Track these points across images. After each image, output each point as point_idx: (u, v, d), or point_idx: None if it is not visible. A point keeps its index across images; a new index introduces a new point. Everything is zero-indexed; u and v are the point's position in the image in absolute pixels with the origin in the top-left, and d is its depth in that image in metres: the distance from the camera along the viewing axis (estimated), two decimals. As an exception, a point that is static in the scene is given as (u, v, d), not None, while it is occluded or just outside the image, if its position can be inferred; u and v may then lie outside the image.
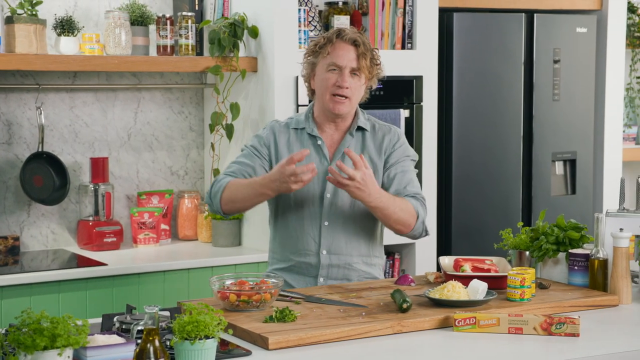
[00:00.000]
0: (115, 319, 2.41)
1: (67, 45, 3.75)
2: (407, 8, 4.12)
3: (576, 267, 2.85)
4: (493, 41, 4.38)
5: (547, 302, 2.64)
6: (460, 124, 4.33)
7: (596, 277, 2.79)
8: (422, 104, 4.16)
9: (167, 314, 2.46)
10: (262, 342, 2.29)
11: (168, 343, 2.15)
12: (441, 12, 4.26)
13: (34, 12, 3.65)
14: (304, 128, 2.97)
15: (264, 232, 3.54)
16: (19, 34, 3.57)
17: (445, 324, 2.47)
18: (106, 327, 2.39)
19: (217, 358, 2.12)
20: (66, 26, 3.75)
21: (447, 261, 2.94)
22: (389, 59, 4.09)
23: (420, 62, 4.15)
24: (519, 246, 2.99)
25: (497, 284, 2.74)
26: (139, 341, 2.01)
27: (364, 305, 2.59)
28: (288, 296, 2.67)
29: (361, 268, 2.99)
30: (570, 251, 2.88)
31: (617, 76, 4.77)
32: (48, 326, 1.93)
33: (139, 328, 2.17)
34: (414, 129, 4.13)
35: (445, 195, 4.33)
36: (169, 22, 3.90)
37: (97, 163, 3.94)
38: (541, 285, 2.81)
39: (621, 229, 2.77)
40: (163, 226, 4.05)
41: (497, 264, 2.90)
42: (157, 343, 1.97)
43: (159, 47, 3.92)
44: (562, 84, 4.57)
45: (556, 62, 4.55)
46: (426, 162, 4.19)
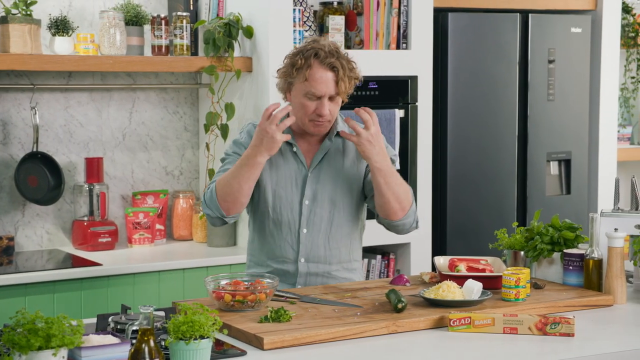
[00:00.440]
0: (110, 319, 2.41)
1: (62, 45, 3.75)
2: (402, 8, 4.12)
3: (571, 267, 2.85)
4: (488, 41, 4.38)
5: (542, 302, 2.64)
6: (455, 124, 4.33)
7: (591, 277, 2.80)
8: (417, 104, 4.16)
9: (162, 314, 2.46)
10: (257, 342, 2.28)
11: (163, 343, 2.14)
12: (436, 12, 4.26)
13: (28, 12, 3.64)
14: None
15: (259, 232, 3.54)
16: (14, 34, 3.57)
17: (440, 324, 2.47)
18: (101, 327, 2.38)
19: (212, 358, 2.12)
20: (61, 26, 3.75)
21: (442, 261, 2.94)
22: (384, 59, 4.10)
23: (415, 62, 4.16)
24: (513, 246, 3.00)
25: (492, 284, 2.74)
26: (133, 341, 2.01)
27: (358, 305, 2.59)
28: (283, 296, 2.67)
29: (341, 275, 2.95)
30: (565, 251, 2.88)
31: (611, 76, 4.78)
32: (43, 326, 1.93)
33: (134, 328, 2.17)
34: (409, 129, 4.14)
35: (440, 195, 4.33)
36: (163, 22, 3.90)
37: (92, 163, 3.93)
38: (536, 285, 2.81)
39: (616, 229, 2.77)
40: (158, 226, 4.05)
41: (492, 264, 2.90)
42: (152, 343, 1.97)
43: (153, 47, 3.91)
44: (556, 84, 4.58)
45: (551, 62, 4.56)
46: (421, 162, 4.19)
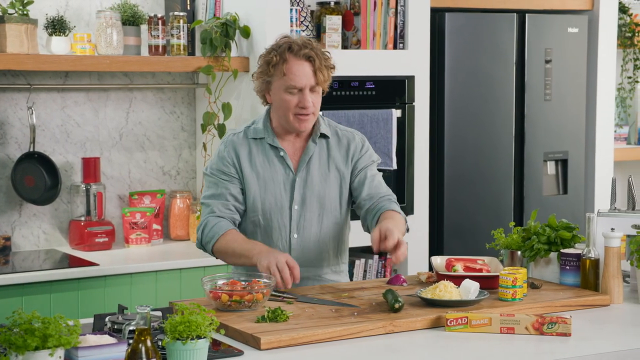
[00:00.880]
0: (107, 319, 2.41)
1: (59, 45, 3.74)
2: (399, 8, 4.12)
3: (568, 267, 2.85)
4: (485, 41, 4.39)
5: (539, 302, 2.64)
6: (452, 124, 4.33)
7: (588, 276, 2.80)
8: (414, 104, 4.17)
9: (159, 314, 2.46)
10: (254, 342, 2.29)
11: (160, 343, 2.14)
12: (433, 12, 4.26)
13: (25, 12, 3.64)
14: (263, 138, 2.89)
15: (256, 232, 3.54)
16: (10, 34, 3.56)
17: (437, 324, 2.48)
18: (98, 327, 2.38)
19: (209, 358, 2.12)
20: (57, 26, 3.74)
21: (439, 261, 2.94)
22: (381, 59, 4.10)
23: (412, 62, 4.16)
24: (510, 246, 3.00)
25: (489, 283, 2.74)
26: (130, 341, 2.01)
27: (355, 305, 2.59)
28: (280, 296, 2.67)
29: (330, 278, 2.96)
30: (561, 251, 2.88)
31: (608, 76, 4.78)
32: (39, 326, 1.93)
33: (131, 328, 2.16)
34: (406, 129, 4.14)
35: (437, 195, 4.33)
36: (160, 22, 3.90)
37: (89, 163, 3.93)
38: (533, 285, 2.81)
39: (612, 229, 2.78)
40: (155, 226, 4.04)
41: (489, 264, 2.91)
42: (148, 343, 1.97)
43: (150, 47, 3.91)
44: (553, 84, 4.58)
45: (548, 62, 4.56)
46: (418, 162, 4.20)
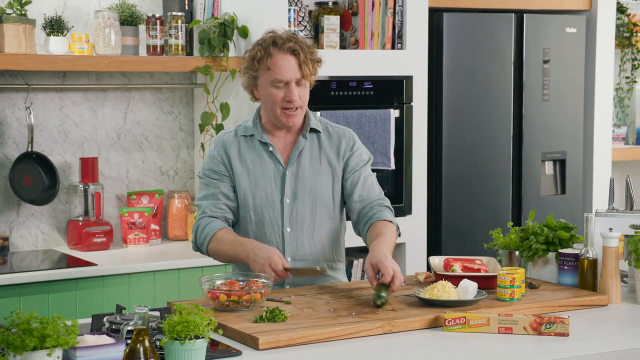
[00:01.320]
0: (105, 319, 2.41)
1: (57, 45, 3.74)
2: (397, 8, 4.12)
3: (566, 267, 2.85)
4: (483, 41, 4.39)
5: (537, 302, 2.65)
6: (450, 124, 4.33)
7: (586, 276, 2.80)
8: (412, 104, 4.17)
9: (157, 314, 2.46)
10: (252, 342, 2.29)
11: (158, 343, 2.14)
12: (431, 12, 4.26)
13: (23, 12, 3.63)
14: (252, 135, 2.89)
15: (254, 232, 3.53)
16: (8, 34, 3.56)
17: (435, 324, 2.48)
18: (96, 328, 2.38)
19: (207, 358, 2.12)
20: (55, 26, 3.74)
21: (437, 261, 2.94)
22: (379, 59, 4.10)
23: (410, 62, 4.16)
24: (508, 246, 3.00)
25: (487, 283, 2.74)
26: (128, 341, 2.01)
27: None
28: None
29: (327, 274, 2.95)
30: (559, 251, 2.88)
31: (606, 76, 4.78)
32: (37, 326, 1.93)
33: (129, 328, 2.16)
34: (404, 129, 4.14)
35: (435, 195, 4.33)
36: (158, 22, 3.90)
37: (87, 163, 3.93)
38: (531, 285, 2.81)
39: (610, 229, 2.78)
40: (153, 226, 4.04)
41: (487, 264, 2.91)
42: (146, 343, 1.97)
43: (148, 47, 3.91)
44: (551, 84, 4.58)
45: (546, 62, 4.56)
46: (416, 162, 4.20)
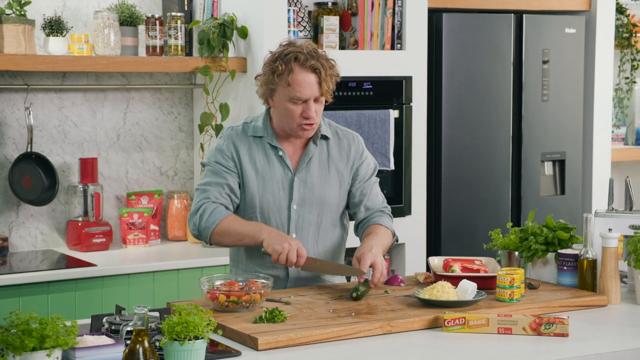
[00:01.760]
0: (104, 319, 2.41)
1: (56, 46, 3.74)
2: (397, 8, 4.12)
3: (565, 268, 2.85)
4: (482, 42, 4.39)
5: (536, 303, 2.65)
6: (450, 125, 4.33)
7: (585, 277, 2.80)
8: (411, 104, 4.17)
9: (157, 314, 2.46)
10: (251, 342, 2.29)
11: (157, 344, 2.14)
12: (430, 12, 4.26)
13: (22, 12, 3.63)
14: (262, 136, 2.89)
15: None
16: (8, 34, 3.56)
17: (435, 324, 2.48)
18: (95, 328, 2.38)
19: (207, 359, 2.12)
20: (55, 26, 3.74)
21: (436, 261, 2.95)
22: (378, 59, 4.10)
23: (410, 62, 4.16)
24: (508, 246, 3.00)
25: (486, 284, 2.75)
26: (128, 342, 2.01)
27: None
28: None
29: (328, 279, 2.97)
30: (559, 251, 2.88)
31: (605, 77, 4.78)
32: (37, 327, 1.93)
33: (128, 329, 2.16)
34: (403, 129, 4.14)
35: (434, 196, 4.33)
36: (158, 22, 3.90)
37: (86, 163, 3.93)
38: (530, 286, 2.81)
39: (610, 229, 2.78)
40: (152, 227, 4.04)
41: (486, 265, 2.91)
42: (146, 344, 1.97)
43: (148, 47, 3.91)
44: (551, 84, 4.59)
45: (545, 62, 4.56)
46: (415, 163, 4.20)
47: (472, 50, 4.36)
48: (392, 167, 4.08)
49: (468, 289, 2.59)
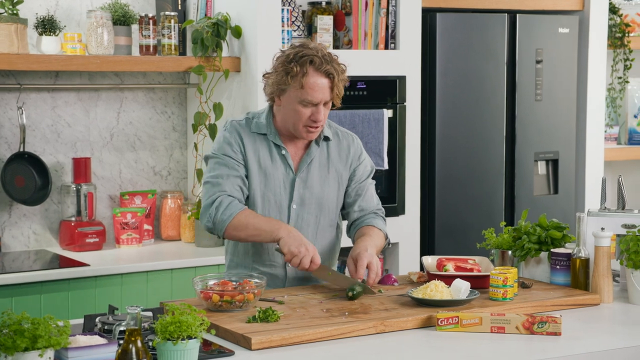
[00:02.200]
0: (97, 319, 2.40)
1: (49, 45, 3.73)
2: (391, 8, 4.12)
3: (558, 267, 2.86)
4: (476, 41, 4.39)
5: (529, 301, 2.65)
6: (444, 124, 4.33)
7: (578, 276, 2.81)
8: (405, 104, 4.17)
9: (150, 314, 2.45)
10: (245, 342, 2.28)
11: (150, 343, 2.14)
12: (424, 12, 4.26)
13: (15, 12, 3.62)
14: (265, 134, 2.88)
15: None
16: (0, 34, 3.55)
17: (428, 324, 2.48)
18: (88, 328, 2.38)
19: (200, 358, 2.12)
20: (48, 26, 3.73)
21: (430, 261, 2.95)
22: (372, 59, 4.10)
23: (404, 62, 4.16)
24: (501, 246, 3.01)
25: (479, 283, 2.75)
26: (121, 342, 2.01)
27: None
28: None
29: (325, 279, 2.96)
30: (552, 250, 2.89)
31: (598, 76, 4.79)
32: (29, 327, 1.92)
33: (121, 329, 2.16)
34: (397, 129, 4.14)
35: (428, 195, 4.34)
36: (151, 21, 3.89)
37: (80, 163, 3.92)
38: (523, 285, 2.82)
39: (602, 229, 2.79)
40: (146, 226, 4.04)
41: (479, 264, 2.91)
42: (139, 344, 1.96)
43: (141, 46, 3.90)
44: (544, 84, 4.59)
45: (538, 62, 4.57)
46: (409, 162, 4.20)
47: (466, 50, 4.37)
48: (385, 166, 4.08)
49: (461, 288, 2.59)
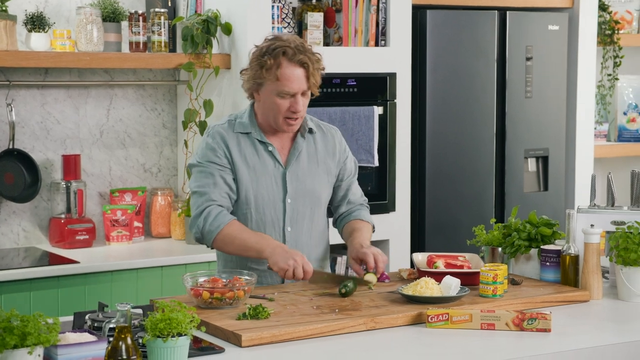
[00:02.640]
0: (87, 316, 2.40)
1: (38, 42, 3.72)
2: (381, 5, 4.12)
3: (548, 263, 2.87)
4: (466, 38, 4.40)
5: (519, 298, 2.66)
6: (434, 121, 4.34)
7: (567, 272, 2.82)
8: (395, 101, 4.17)
9: (140, 311, 2.45)
10: (235, 339, 2.28)
11: (140, 341, 2.13)
12: (414, 9, 4.27)
13: (3, 8, 3.61)
14: (249, 132, 2.88)
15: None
16: (-11, 30, 3.54)
17: (419, 320, 2.48)
18: (78, 325, 2.37)
19: (190, 355, 2.12)
20: (37, 22, 3.72)
21: (420, 257, 2.95)
22: (363, 56, 4.10)
23: (394, 59, 4.16)
24: (491, 242, 3.01)
25: (469, 280, 2.75)
26: (110, 339, 2.00)
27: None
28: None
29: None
30: (542, 247, 2.90)
31: (588, 73, 4.80)
32: (18, 324, 1.91)
33: (111, 326, 2.15)
34: (387, 126, 4.14)
35: (418, 192, 4.34)
36: (141, 18, 3.88)
37: (69, 160, 3.91)
38: (513, 281, 2.82)
39: (592, 225, 2.79)
40: (136, 224, 4.03)
41: (470, 260, 2.91)
42: (129, 341, 1.96)
43: (131, 43, 3.89)
44: (534, 81, 4.60)
45: (528, 59, 4.58)
46: (400, 159, 4.20)
47: (456, 47, 4.37)
48: (376, 163, 4.08)
49: (451, 285, 2.60)
